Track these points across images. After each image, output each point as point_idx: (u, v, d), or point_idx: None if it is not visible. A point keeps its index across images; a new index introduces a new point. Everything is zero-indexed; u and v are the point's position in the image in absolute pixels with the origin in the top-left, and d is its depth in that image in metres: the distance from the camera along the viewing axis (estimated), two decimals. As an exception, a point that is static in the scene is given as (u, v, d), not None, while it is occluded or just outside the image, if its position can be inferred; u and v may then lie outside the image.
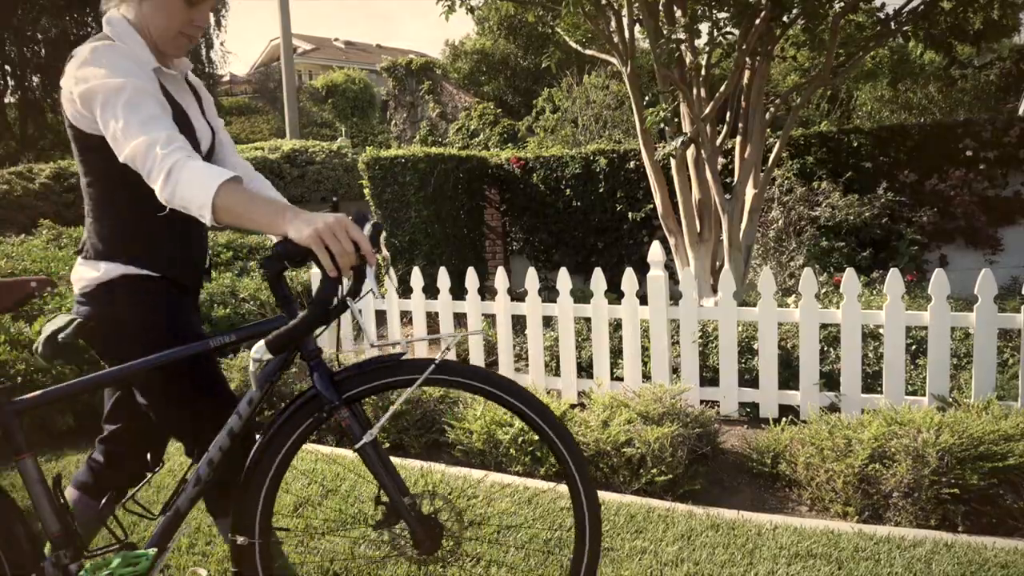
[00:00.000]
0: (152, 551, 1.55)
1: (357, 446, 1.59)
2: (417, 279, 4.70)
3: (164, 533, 1.59)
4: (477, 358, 4.59)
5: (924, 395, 3.59)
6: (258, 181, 1.95)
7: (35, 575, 1.54)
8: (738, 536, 2.55)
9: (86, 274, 1.71)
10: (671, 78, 4.97)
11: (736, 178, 5.09)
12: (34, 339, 4.24)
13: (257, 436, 1.65)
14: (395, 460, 3.56)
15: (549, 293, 7.26)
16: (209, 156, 1.83)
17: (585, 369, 4.45)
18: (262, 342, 1.53)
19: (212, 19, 25.01)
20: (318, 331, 1.60)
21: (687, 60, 5.11)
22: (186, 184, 1.40)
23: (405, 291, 4.84)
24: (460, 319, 5.37)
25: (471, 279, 4.47)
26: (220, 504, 1.81)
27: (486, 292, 7.32)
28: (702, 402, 3.87)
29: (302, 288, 6.46)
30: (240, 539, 1.58)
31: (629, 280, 3.98)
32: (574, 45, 5.83)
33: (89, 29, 22.69)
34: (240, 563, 1.60)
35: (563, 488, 2.93)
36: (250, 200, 1.40)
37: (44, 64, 21.30)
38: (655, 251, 3.93)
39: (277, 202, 1.44)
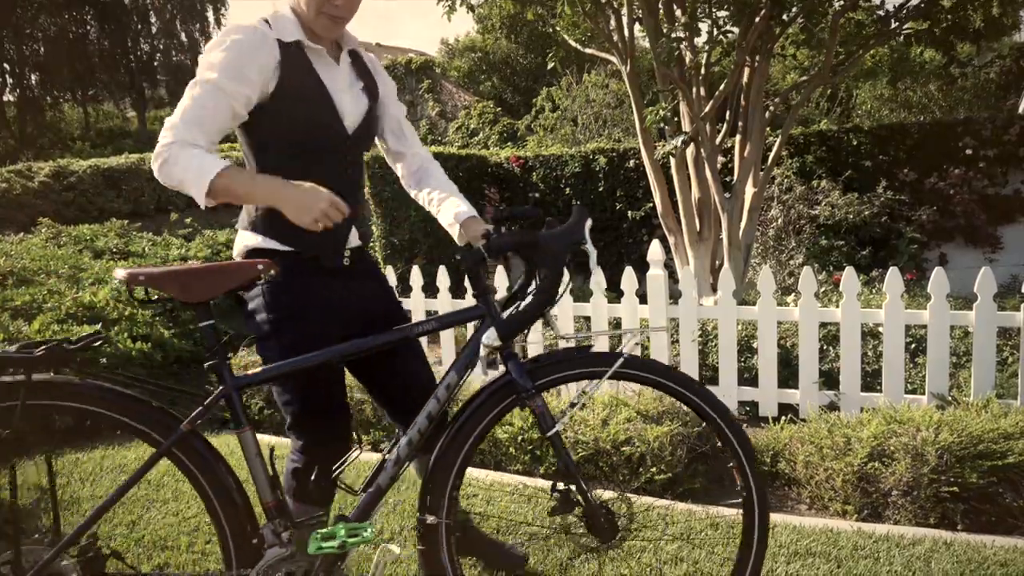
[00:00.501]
0: (368, 523, 1.66)
1: (549, 434, 1.69)
2: (417, 278, 4.70)
3: (366, 508, 1.68)
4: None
5: (923, 394, 3.60)
6: (435, 169, 2.06)
7: (255, 540, 1.64)
8: (737, 535, 2.55)
9: (237, 241, 1.84)
10: (671, 77, 4.97)
11: (736, 177, 5.09)
12: (33, 337, 4.24)
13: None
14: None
15: (549, 292, 7.27)
16: (358, 135, 1.83)
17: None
18: (492, 329, 1.64)
19: (211, 17, 25.10)
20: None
21: (687, 59, 5.11)
22: (181, 169, 1.57)
23: (404, 290, 4.84)
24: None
25: (470, 278, 4.47)
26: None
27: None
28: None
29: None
30: (430, 519, 1.66)
31: (629, 279, 3.98)
32: (574, 44, 5.82)
33: (88, 27, 22.71)
34: (426, 541, 1.68)
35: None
36: (239, 183, 1.57)
37: (43, 62, 21.32)
38: (654, 250, 3.92)
39: (285, 183, 1.58)
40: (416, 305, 4.70)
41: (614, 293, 4.13)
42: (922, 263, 6.89)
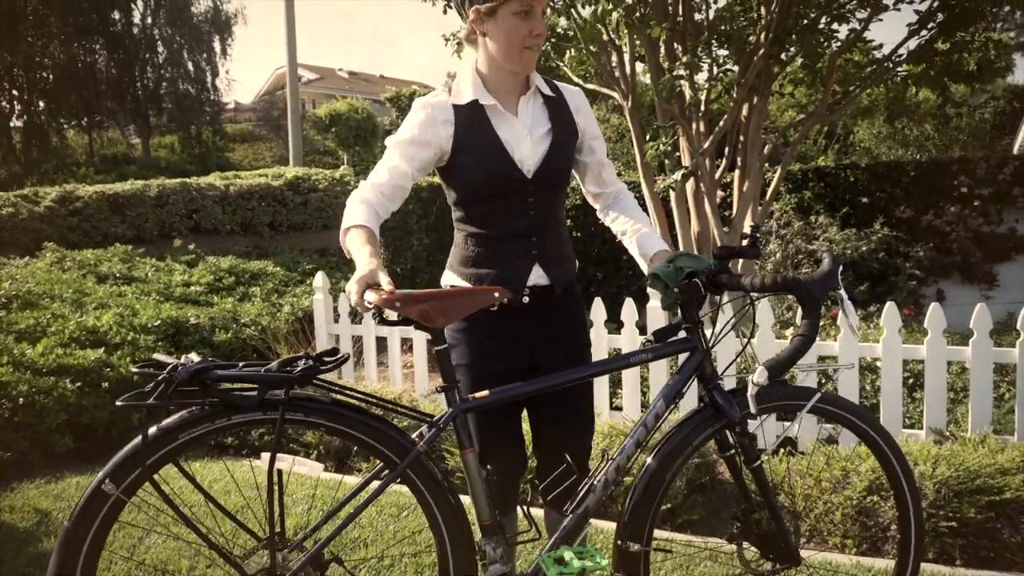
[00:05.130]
0: (596, 550, 1.70)
1: (753, 465, 1.78)
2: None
3: (575, 529, 1.73)
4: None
5: (921, 428, 3.61)
6: (627, 199, 2.16)
7: (476, 555, 1.72)
8: (736, 567, 2.56)
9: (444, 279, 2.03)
10: (671, 112, 5.06)
11: (734, 211, 5.16)
12: (36, 360, 4.26)
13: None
14: (393, 487, 3.56)
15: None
16: (540, 176, 1.90)
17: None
18: (763, 368, 1.69)
19: (218, 47, 25.47)
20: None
21: (687, 95, 5.21)
22: (345, 212, 1.83)
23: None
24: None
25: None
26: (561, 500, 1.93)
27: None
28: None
29: (303, 313, 6.49)
30: (633, 546, 1.71)
31: (629, 310, 4.02)
32: (576, 80, 5.94)
33: (97, 56, 23.02)
34: (624, 567, 1.73)
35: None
36: (350, 244, 1.77)
37: (51, 89, 21.57)
38: (655, 282, 3.97)
39: (365, 254, 1.71)
40: (418, 333, 4.73)
41: (614, 324, 4.16)
42: (920, 299, 6.94)
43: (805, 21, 4.65)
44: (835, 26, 4.76)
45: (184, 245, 9.22)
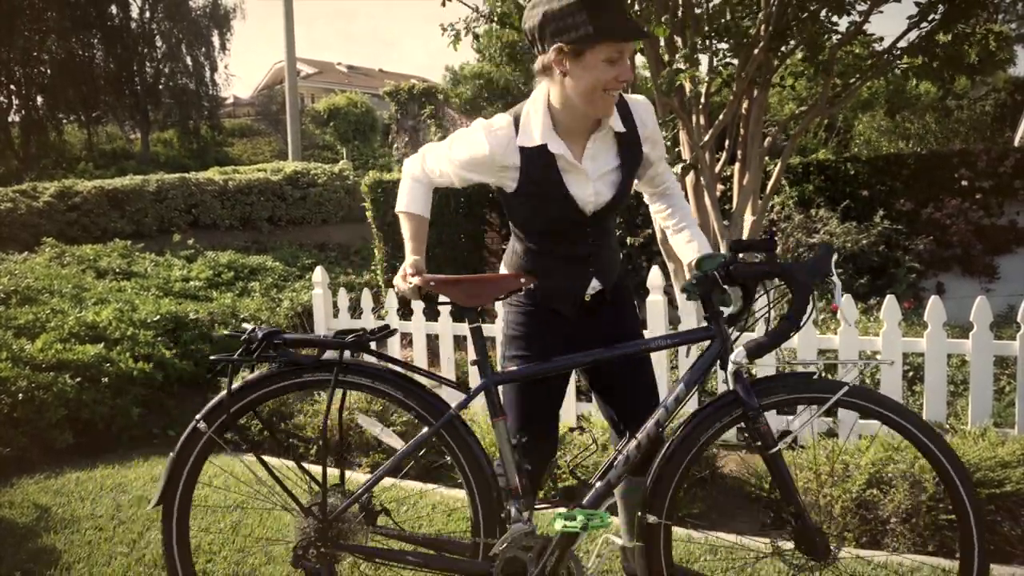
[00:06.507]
0: (603, 511, 1.84)
1: (771, 452, 1.81)
2: (418, 301, 4.73)
3: (599, 497, 1.85)
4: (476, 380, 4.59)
5: (921, 422, 3.61)
6: (677, 194, 2.13)
7: (502, 515, 1.86)
8: (736, 560, 2.56)
9: None
10: (671, 106, 5.04)
11: (734, 204, 5.15)
12: (36, 356, 4.26)
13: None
14: (392, 481, 3.57)
15: (548, 316, 7.28)
16: (601, 214, 1.94)
17: (584, 393, 4.46)
18: (742, 348, 1.77)
19: (217, 42, 25.38)
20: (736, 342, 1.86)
21: (687, 88, 5.19)
22: (402, 188, 2.03)
23: (406, 313, 4.87)
24: (460, 341, 5.39)
25: (472, 301, 4.50)
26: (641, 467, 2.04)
27: (486, 315, 7.34)
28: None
29: (302, 308, 6.49)
30: (651, 518, 1.82)
31: (629, 304, 4.01)
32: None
33: (95, 51, 22.95)
34: (646, 539, 1.84)
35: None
36: (403, 228, 2.00)
37: (49, 84, 21.50)
38: (654, 276, 3.96)
39: (410, 249, 1.96)
40: (417, 328, 4.73)
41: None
42: (920, 292, 6.93)
43: (805, 13, 4.62)
44: (835, 18, 4.73)
45: (183, 240, 9.21)
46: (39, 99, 21.65)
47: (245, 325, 1.90)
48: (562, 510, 1.82)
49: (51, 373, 4.15)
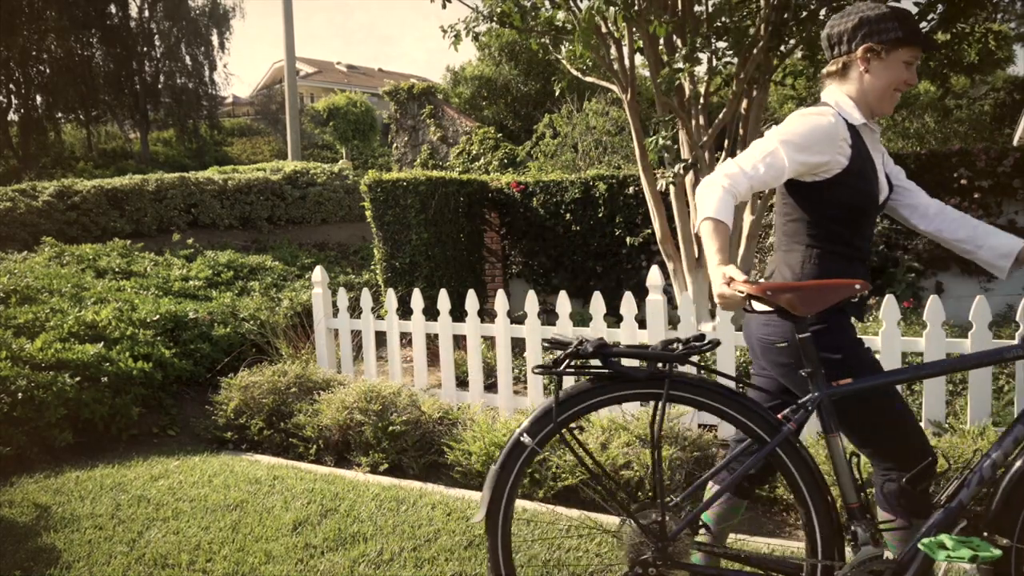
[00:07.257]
0: (982, 541, 1.70)
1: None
2: (417, 301, 4.73)
3: (949, 521, 1.76)
4: (476, 381, 4.60)
5: (920, 420, 3.62)
6: (948, 208, 2.15)
7: (847, 535, 1.80)
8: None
9: None
10: (671, 106, 5.05)
11: (734, 204, 5.15)
12: (35, 355, 4.26)
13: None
14: (392, 481, 3.57)
15: (548, 316, 7.28)
16: (878, 208, 2.04)
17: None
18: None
19: (216, 41, 25.39)
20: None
21: (686, 88, 5.20)
22: (700, 196, 1.91)
23: (405, 313, 4.86)
24: (459, 341, 5.39)
25: (471, 301, 4.51)
26: (744, 490, 2.13)
27: (485, 315, 7.34)
28: (700, 426, 3.88)
29: (301, 308, 6.48)
30: (1002, 540, 1.74)
31: (628, 304, 4.02)
32: (575, 72, 5.92)
33: (94, 50, 22.94)
34: (999, 561, 1.74)
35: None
36: (710, 238, 1.84)
37: (48, 84, 21.50)
38: (654, 276, 3.97)
39: (719, 251, 1.83)
40: (416, 328, 4.73)
41: (613, 318, 4.16)
42: (919, 291, 6.94)
43: (805, 13, 4.63)
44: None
45: (183, 239, 9.21)
46: (38, 98, 21.65)
47: (560, 337, 1.85)
48: (927, 539, 1.72)
49: (51, 372, 4.16)
